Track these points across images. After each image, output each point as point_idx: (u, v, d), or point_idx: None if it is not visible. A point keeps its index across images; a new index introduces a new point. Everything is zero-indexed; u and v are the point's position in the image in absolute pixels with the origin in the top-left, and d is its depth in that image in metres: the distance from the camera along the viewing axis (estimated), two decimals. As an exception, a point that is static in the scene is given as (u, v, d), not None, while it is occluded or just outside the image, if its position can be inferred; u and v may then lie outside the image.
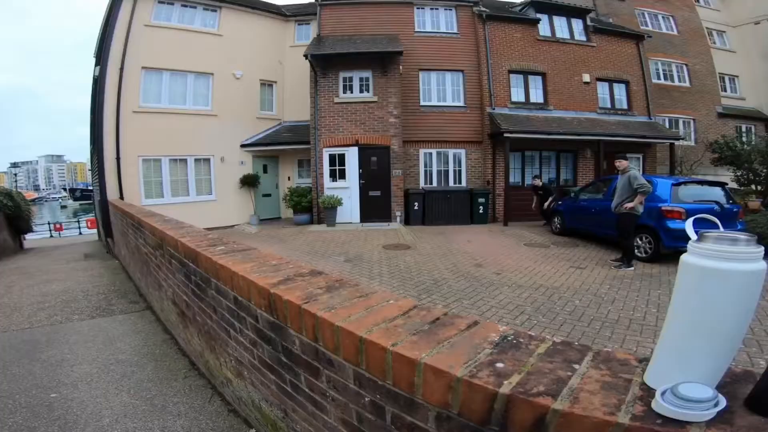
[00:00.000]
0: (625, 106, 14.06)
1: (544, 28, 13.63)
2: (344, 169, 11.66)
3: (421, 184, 12.66)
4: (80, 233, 21.46)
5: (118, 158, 10.06)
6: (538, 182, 11.20)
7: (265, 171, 13.07)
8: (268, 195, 13.21)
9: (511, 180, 12.39)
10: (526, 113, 12.85)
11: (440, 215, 11.59)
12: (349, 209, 11.52)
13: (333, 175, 11.72)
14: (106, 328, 4.27)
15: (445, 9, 13.28)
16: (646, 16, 17.37)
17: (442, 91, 13.10)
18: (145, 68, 10.80)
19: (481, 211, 11.87)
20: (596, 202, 8.66)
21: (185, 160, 11.42)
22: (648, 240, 7.09)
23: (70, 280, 6.80)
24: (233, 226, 11.90)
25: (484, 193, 12.00)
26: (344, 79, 11.89)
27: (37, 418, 2.51)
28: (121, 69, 10.25)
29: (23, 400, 2.72)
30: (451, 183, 12.88)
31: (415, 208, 11.65)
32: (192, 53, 11.51)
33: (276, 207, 13.48)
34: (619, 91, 14.10)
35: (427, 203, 11.67)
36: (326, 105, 11.76)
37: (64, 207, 49.94)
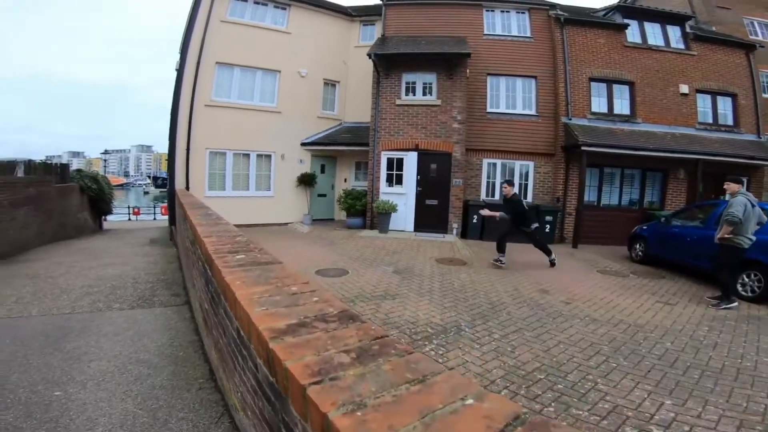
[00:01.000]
0: (730, 122, 12.18)
1: (633, 34, 12.23)
2: (401, 175, 11.16)
3: (482, 195, 11.81)
4: (155, 218, 22.99)
5: (188, 149, 10.40)
6: (507, 190, 7.75)
7: (322, 171, 12.97)
8: (324, 195, 13.08)
9: (586, 198, 11.15)
10: (609, 125, 11.54)
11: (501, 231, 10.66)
12: (404, 217, 10.98)
13: (390, 180, 11.26)
14: (140, 320, 4.09)
15: (518, 12, 12.41)
16: (756, 25, 15.15)
17: (511, 97, 12.21)
18: (218, 63, 11.13)
19: (547, 230, 10.77)
20: (694, 229, 7.40)
21: (248, 155, 11.59)
22: (757, 278, 5.91)
23: (127, 264, 6.94)
24: (287, 223, 11.87)
25: (552, 210, 10.89)
26: (407, 81, 11.42)
27: (28, 418, 2.24)
28: (198, 63, 10.63)
29: (24, 396, 2.49)
30: (515, 197, 11.90)
31: (474, 221, 10.84)
32: (261, 50, 11.70)
33: (330, 208, 13.31)
34: (724, 105, 12.25)
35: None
36: (387, 106, 11.36)
37: (146, 193, 54.60)
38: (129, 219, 22.13)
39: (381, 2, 12.39)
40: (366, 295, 5.28)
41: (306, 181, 12.18)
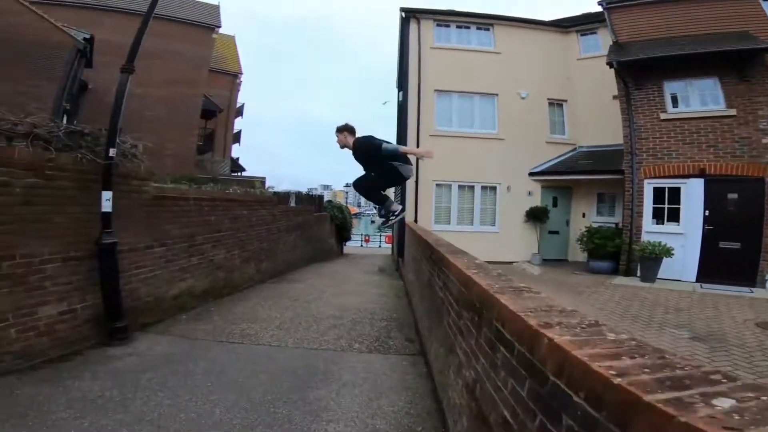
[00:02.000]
0: None
1: None
2: (678, 209, 8.37)
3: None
4: (380, 246, 25.57)
5: (416, 181, 10.59)
6: (343, 138, 4.14)
7: (554, 204, 11.20)
8: (556, 233, 11.20)
9: None
10: None
11: None
12: (681, 262, 8.07)
13: (658, 216, 8.59)
14: (377, 370, 3.67)
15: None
16: None
17: None
18: (437, 91, 11.12)
19: None
20: None
21: (472, 187, 11.00)
22: None
23: (363, 295, 7.10)
24: (512, 262, 10.58)
25: None
26: (672, 90, 8.93)
27: None
28: (419, 93, 10.86)
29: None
30: None
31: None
32: (474, 74, 11.17)
33: (563, 247, 11.30)
34: None
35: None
36: (648, 123, 9.03)
37: (372, 222, 62.80)
38: (361, 245, 25.26)
39: (601, 7, 10.27)
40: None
41: (537, 215, 10.68)
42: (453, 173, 10.84)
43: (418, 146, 10.73)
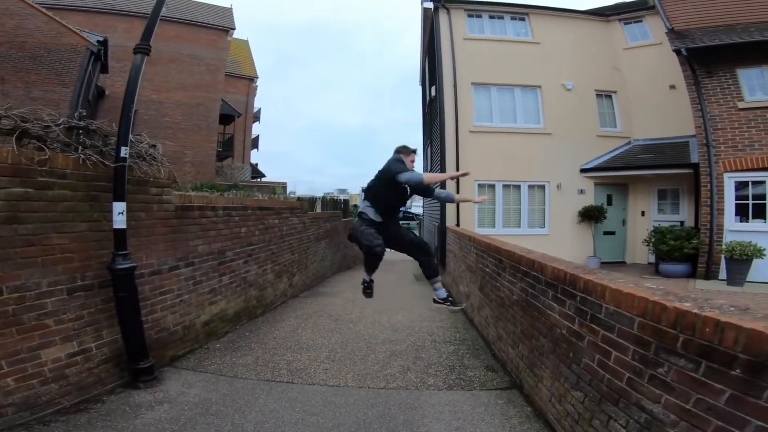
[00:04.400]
0: None
1: None
2: (764, 204, 7.29)
3: None
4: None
5: (457, 182, 9.71)
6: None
7: (609, 202, 10.14)
8: (611, 233, 10.11)
9: None
10: None
11: None
12: (772, 264, 7.02)
13: (741, 212, 7.54)
14: (468, 415, 2.85)
15: None
16: None
17: None
18: (474, 84, 10.22)
19: None
20: None
21: (518, 187, 10.02)
22: None
23: (412, 311, 6.30)
24: (563, 267, 9.59)
25: None
26: (747, 77, 8.07)
27: None
28: (455, 87, 9.96)
29: None
30: None
31: None
32: (513, 65, 10.35)
33: (619, 248, 10.21)
34: None
35: None
36: (723, 113, 8.16)
37: (392, 226, 61.92)
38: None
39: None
40: None
41: (592, 215, 9.64)
42: (496, 172, 9.91)
43: (457, 146, 9.86)
